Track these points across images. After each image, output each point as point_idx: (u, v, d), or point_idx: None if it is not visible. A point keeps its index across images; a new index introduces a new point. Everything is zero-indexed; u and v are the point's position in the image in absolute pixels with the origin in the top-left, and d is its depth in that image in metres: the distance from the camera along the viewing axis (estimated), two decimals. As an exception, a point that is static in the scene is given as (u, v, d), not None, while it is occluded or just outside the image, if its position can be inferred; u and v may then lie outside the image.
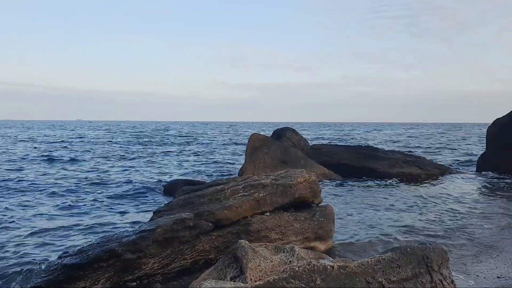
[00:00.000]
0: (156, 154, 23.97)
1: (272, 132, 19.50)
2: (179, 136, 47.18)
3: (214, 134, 54.40)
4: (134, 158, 21.29)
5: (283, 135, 18.20)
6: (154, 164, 18.64)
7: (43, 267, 5.08)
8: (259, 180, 6.19)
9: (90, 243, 4.92)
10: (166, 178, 13.74)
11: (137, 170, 16.23)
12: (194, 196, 6.11)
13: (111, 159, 20.81)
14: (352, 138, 44.08)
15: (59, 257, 4.77)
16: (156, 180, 13.48)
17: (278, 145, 13.92)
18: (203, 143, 35.17)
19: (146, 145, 31.92)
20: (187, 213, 5.30)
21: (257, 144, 13.31)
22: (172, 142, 35.42)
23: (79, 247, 4.86)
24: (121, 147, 29.54)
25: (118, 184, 12.54)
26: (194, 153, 25.60)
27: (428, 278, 4.26)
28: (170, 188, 11.11)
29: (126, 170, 16.36)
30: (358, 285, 3.67)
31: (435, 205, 9.42)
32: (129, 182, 13.02)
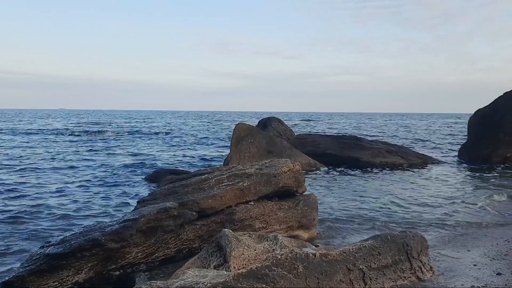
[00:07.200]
0: (141, 144, 23.79)
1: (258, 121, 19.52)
2: (164, 126, 46.85)
3: (200, 124, 54.15)
4: (119, 148, 21.10)
5: (269, 124, 18.25)
6: (138, 154, 18.50)
7: (25, 257, 5.04)
8: (244, 169, 6.22)
9: (72, 232, 4.89)
10: (150, 168, 13.67)
11: (120, 160, 16.09)
12: (179, 186, 6.11)
13: (95, 148, 20.59)
14: (339, 128, 44.38)
15: (42, 247, 4.73)
16: (140, 170, 13.40)
17: (264, 135, 13.95)
18: (189, 133, 35.01)
19: (131, 134, 31.62)
20: (171, 203, 5.30)
21: (242, 134, 13.31)
22: (157, 132, 35.14)
23: (61, 237, 4.82)
24: (108, 137, 29.23)
25: (101, 174, 12.43)
26: (178, 142, 25.48)
27: (407, 265, 4.37)
28: (154, 178, 11.07)
29: (110, 160, 16.21)
30: (340, 272, 3.75)
31: (416, 194, 9.59)
32: (113, 172, 12.92)
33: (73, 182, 11.01)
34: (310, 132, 31.11)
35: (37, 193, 9.46)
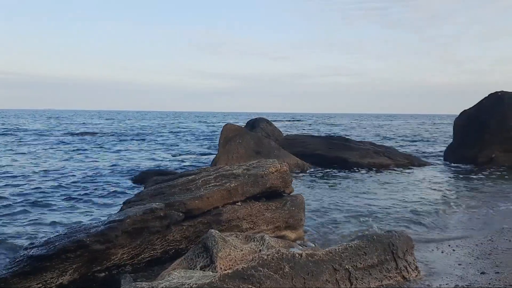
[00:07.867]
0: (127, 145, 23.60)
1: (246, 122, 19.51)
2: (152, 127, 46.57)
3: (189, 124, 53.96)
4: (104, 149, 20.91)
5: (257, 125, 18.25)
6: (124, 155, 18.35)
7: (8, 258, 4.96)
8: (231, 170, 6.20)
9: (57, 234, 4.83)
10: (137, 169, 13.57)
11: (107, 161, 15.95)
12: (165, 186, 6.07)
13: (80, 149, 20.36)
14: (328, 128, 44.60)
15: (25, 249, 4.66)
16: (126, 171, 13.29)
17: (252, 136, 13.94)
18: (177, 134, 34.84)
19: (118, 135, 31.36)
20: (157, 203, 5.26)
21: (230, 134, 13.29)
22: (144, 133, 34.92)
23: (45, 238, 4.76)
24: (91, 138, 28.95)
25: (87, 174, 12.30)
26: (166, 143, 25.34)
27: (393, 265, 4.40)
28: (141, 178, 10.98)
29: (96, 161, 16.05)
30: (326, 272, 3.75)
31: (402, 194, 9.67)
32: (99, 172, 12.79)
33: (57, 183, 10.86)
34: (299, 133, 31.21)
35: (20, 195, 9.32)
